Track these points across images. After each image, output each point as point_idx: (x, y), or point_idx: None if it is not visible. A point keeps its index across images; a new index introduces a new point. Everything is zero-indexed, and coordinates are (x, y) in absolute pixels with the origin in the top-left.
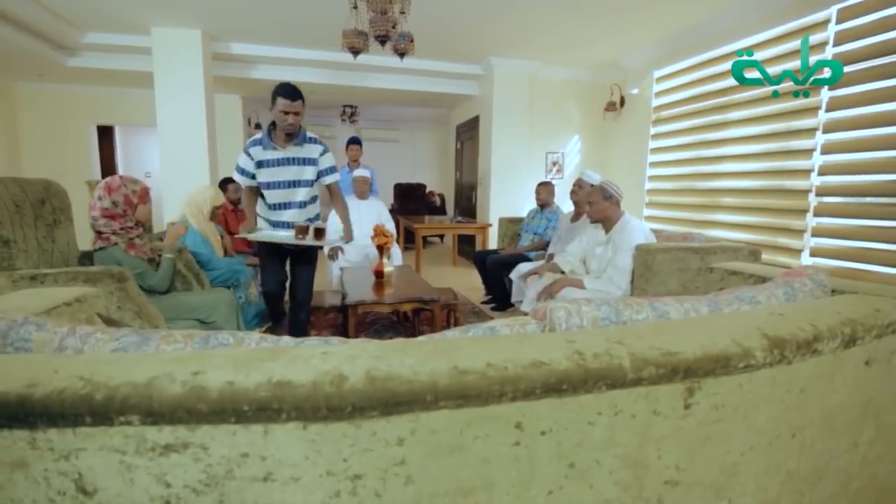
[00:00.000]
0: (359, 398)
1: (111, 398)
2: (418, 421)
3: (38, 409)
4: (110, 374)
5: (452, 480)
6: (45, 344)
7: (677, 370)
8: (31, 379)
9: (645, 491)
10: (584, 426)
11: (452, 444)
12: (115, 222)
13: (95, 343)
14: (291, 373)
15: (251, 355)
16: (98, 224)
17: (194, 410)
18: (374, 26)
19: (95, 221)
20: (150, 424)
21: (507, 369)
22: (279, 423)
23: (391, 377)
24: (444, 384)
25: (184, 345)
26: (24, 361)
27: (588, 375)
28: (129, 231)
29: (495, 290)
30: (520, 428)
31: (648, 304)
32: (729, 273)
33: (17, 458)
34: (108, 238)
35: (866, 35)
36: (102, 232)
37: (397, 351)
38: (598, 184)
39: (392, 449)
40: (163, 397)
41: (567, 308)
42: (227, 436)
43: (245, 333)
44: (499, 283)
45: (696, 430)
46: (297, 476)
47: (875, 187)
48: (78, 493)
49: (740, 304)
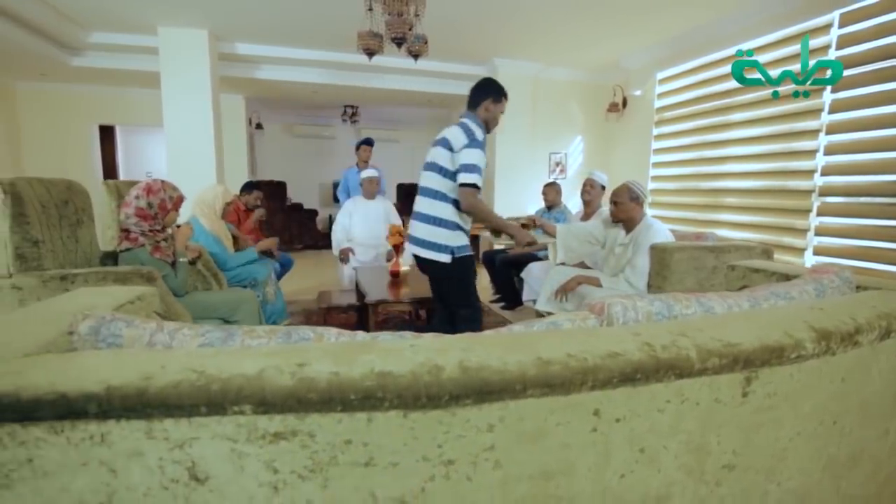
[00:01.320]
0: (455, 387)
1: (226, 389)
2: (507, 409)
3: (156, 400)
4: (220, 367)
5: (536, 465)
6: (136, 339)
7: (738, 360)
8: (145, 372)
9: (706, 475)
10: (655, 413)
11: (537, 430)
12: (145, 223)
13: (183, 339)
14: (390, 364)
15: (345, 349)
16: (129, 222)
17: (304, 400)
18: (390, 28)
19: (127, 219)
20: (261, 413)
21: (587, 360)
22: (382, 412)
23: (483, 367)
24: (531, 374)
25: (267, 340)
26: (131, 356)
27: (659, 365)
28: (156, 234)
29: (504, 290)
30: (597, 415)
31: (696, 300)
32: (751, 271)
33: (134, 448)
34: (135, 239)
35: (869, 39)
36: (131, 231)
37: (481, 343)
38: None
39: (483, 435)
40: (274, 388)
41: (623, 303)
42: (332, 423)
43: (324, 329)
44: (508, 282)
45: (752, 417)
46: (396, 461)
47: (877, 187)
48: (190, 481)
49: (777, 300)
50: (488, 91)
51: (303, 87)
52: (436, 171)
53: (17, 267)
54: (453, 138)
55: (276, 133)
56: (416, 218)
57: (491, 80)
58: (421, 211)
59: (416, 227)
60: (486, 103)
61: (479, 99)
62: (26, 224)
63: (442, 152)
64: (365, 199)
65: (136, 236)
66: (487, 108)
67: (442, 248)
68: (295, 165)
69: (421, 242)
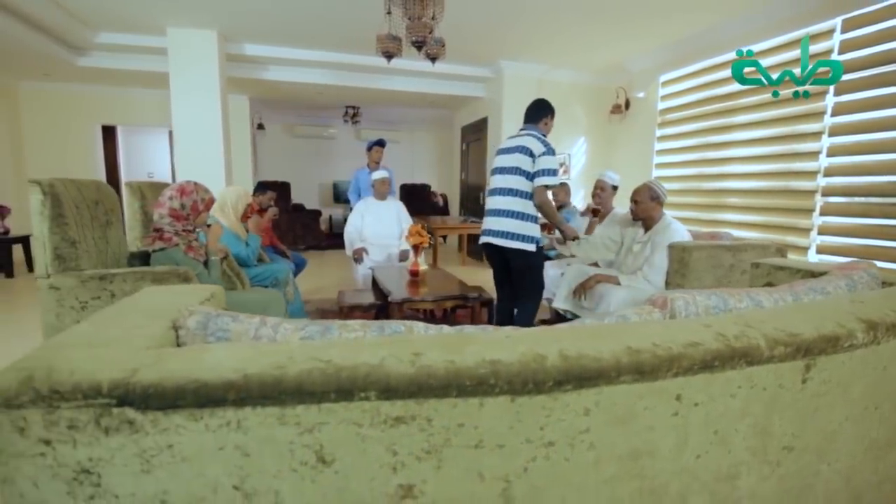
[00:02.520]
0: (558, 374)
1: (354, 376)
2: (602, 394)
3: (291, 387)
4: (344, 357)
5: (625, 446)
6: (242, 334)
7: (800, 349)
8: (277, 362)
9: (768, 455)
10: (728, 398)
11: (627, 414)
12: (178, 223)
13: (285, 332)
14: (497, 353)
15: (451, 340)
16: (163, 222)
17: (425, 386)
18: (410, 32)
19: (161, 219)
20: (384, 399)
21: (671, 349)
22: (492, 397)
23: (582, 356)
24: (624, 361)
25: (363, 333)
26: (257, 348)
27: (734, 353)
28: (189, 234)
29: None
30: (679, 400)
31: (746, 295)
32: (775, 268)
33: (268, 433)
34: (169, 238)
35: (871, 44)
36: (164, 231)
37: (570, 334)
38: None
39: (579, 419)
40: (397, 375)
41: (685, 298)
42: (448, 408)
43: (412, 323)
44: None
45: (809, 402)
46: (503, 443)
47: (879, 188)
48: (318, 463)
49: (815, 295)
50: (548, 110)
51: (308, 88)
52: (519, 174)
53: (56, 267)
54: (533, 147)
55: (276, 133)
56: (499, 214)
57: (546, 101)
58: (505, 208)
59: (500, 221)
60: (545, 119)
61: (540, 115)
62: (65, 225)
63: (524, 158)
64: (376, 200)
65: (169, 236)
66: (546, 123)
67: (528, 239)
68: (295, 166)
69: (508, 235)
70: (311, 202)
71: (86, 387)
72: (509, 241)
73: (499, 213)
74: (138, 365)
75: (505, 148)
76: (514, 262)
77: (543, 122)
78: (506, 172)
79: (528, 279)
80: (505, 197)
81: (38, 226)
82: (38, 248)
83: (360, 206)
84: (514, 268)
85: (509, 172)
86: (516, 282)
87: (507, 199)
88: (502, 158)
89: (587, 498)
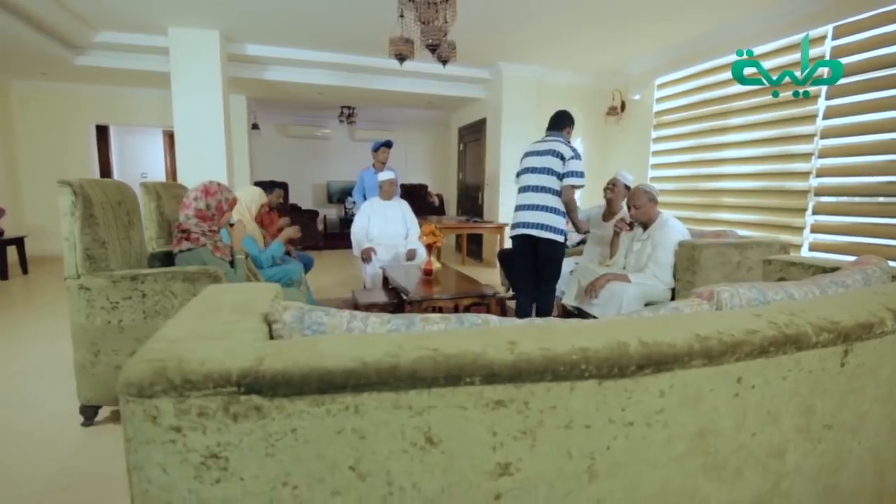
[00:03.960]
0: (640, 359)
1: (461, 363)
2: (675, 377)
3: (405, 374)
4: (448, 345)
5: (693, 425)
6: (335, 327)
7: (840, 335)
8: (389, 351)
9: (811, 433)
10: (779, 381)
11: (695, 395)
12: (204, 224)
13: (373, 325)
14: (584, 341)
15: (537, 329)
16: (189, 223)
17: (523, 371)
18: (425, 35)
19: (187, 220)
20: (486, 384)
21: (734, 335)
22: (582, 381)
23: (659, 342)
24: (696, 347)
25: (444, 325)
26: (363, 339)
27: (786, 339)
28: (214, 235)
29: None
30: (739, 382)
31: (780, 288)
32: (788, 264)
33: (383, 417)
34: (197, 239)
35: (860, 51)
36: (192, 232)
37: (645, 323)
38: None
39: (655, 400)
40: (499, 362)
41: (730, 290)
42: (543, 392)
43: (486, 316)
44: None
45: (846, 384)
46: (589, 424)
47: (869, 188)
48: (426, 444)
49: (837, 288)
50: (570, 120)
51: (309, 88)
52: (551, 174)
53: (87, 268)
54: (563, 151)
55: (270, 133)
56: (534, 209)
57: (569, 112)
58: (539, 203)
59: (536, 215)
60: (568, 128)
61: (564, 124)
62: (95, 225)
63: (555, 160)
64: (382, 201)
65: (196, 237)
66: (568, 132)
67: (558, 231)
68: (289, 166)
69: (543, 227)
70: (306, 202)
71: (216, 376)
72: (544, 232)
73: (534, 208)
74: (263, 355)
75: (535, 151)
76: (544, 251)
77: (566, 131)
78: (538, 172)
79: (552, 268)
80: (538, 193)
81: (69, 226)
82: (68, 249)
83: (365, 207)
84: (543, 257)
85: (541, 172)
86: (542, 270)
87: (540, 195)
88: (533, 160)
89: (660, 473)
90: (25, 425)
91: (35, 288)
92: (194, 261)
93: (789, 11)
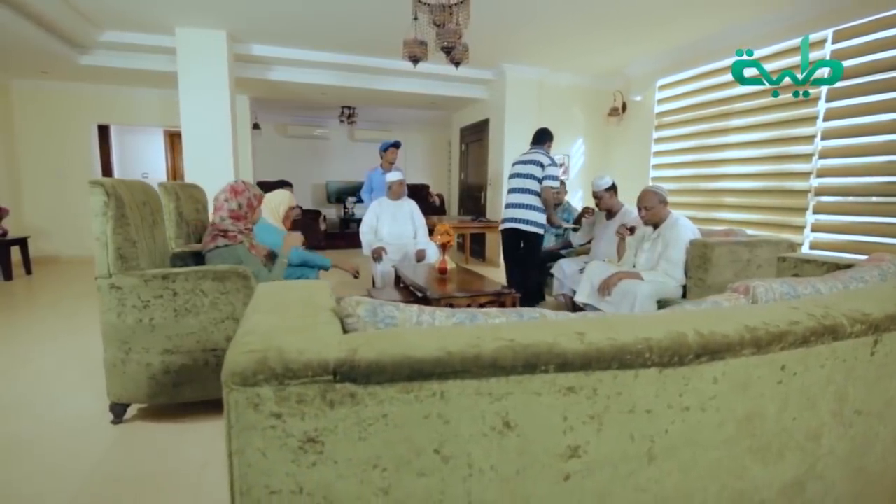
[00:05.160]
0: (698, 348)
1: (538, 352)
2: (728, 365)
3: (488, 362)
4: (522, 336)
5: (741, 410)
6: (406, 320)
7: (871, 326)
8: (469, 342)
9: (844, 418)
10: (818, 369)
11: (744, 382)
12: (239, 223)
13: (440, 318)
14: (647, 331)
15: (600, 321)
16: (226, 223)
17: (593, 360)
18: (440, 38)
19: (223, 221)
20: (559, 372)
21: (779, 326)
22: (645, 369)
23: (714, 333)
24: (747, 338)
25: (504, 318)
26: (441, 331)
27: (825, 330)
28: (249, 233)
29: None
30: (783, 370)
31: (809, 283)
32: (802, 261)
33: (466, 402)
34: (234, 237)
35: (860, 55)
36: (229, 231)
37: (697, 315)
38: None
39: (709, 386)
40: (572, 351)
41: (764, 286)
42: (610, 379)
43: (542, 310)
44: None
45: (875, 371)
46: (650, 409)
47: (868, 188)
48: (504, 428)
49: (857, 283)
50: (550, 136)
51: (312, 89)
52: (532, 178)
53: (118, 267)
54: (542, 160)
55: (270, 133)
56: (520, 207)
57: (548, 129)
58: (523, 202)
59: (519, 211)
60: (548, 143)
61: (544, 140)
62: (127, 225)
63: (536, 168)
64: (390, 200)
65: (234, 234)
66: (548, 145)
67: (539, 225)
68: (289, 166)
69: (525, 221)
70: (305, 202)
71: (315, 365)
72: (528, 226)
73: (519, 206)
74: (356, 345)
75: (521, 160)
76: (528, 241)
77: (546, 145)
78: (523, 177)
79: (535, 255)
80: (522, 194)
81: (100, 226)
82: (99, 249)
83: (374, 207)
84: (527, 246)
85: (525, 177)
86: (526, 257)
87: (524, 195)
88: (519, 167)
89: (711, 454)
90: (54, 425)
91: (41, 288)
92: (230, 257)
93: (790, 15)
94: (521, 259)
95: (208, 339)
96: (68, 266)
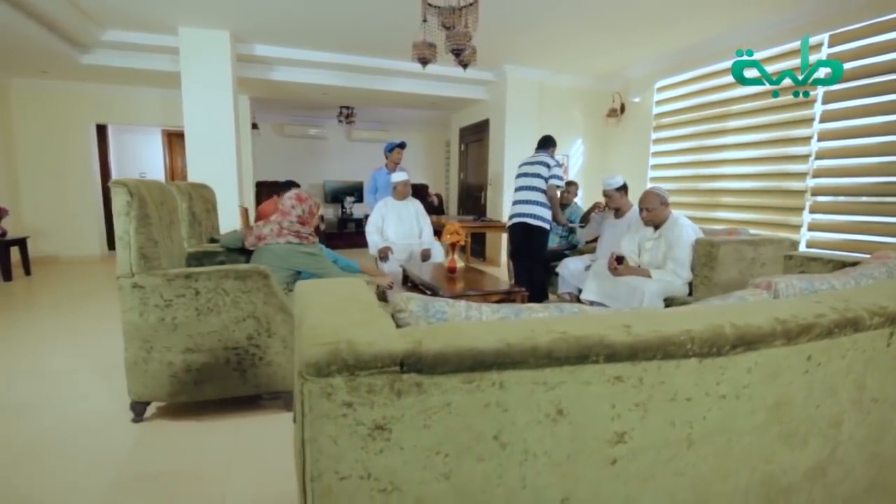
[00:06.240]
0: (735, 339)
1: (589, 344)
2: (760, 355)
3: (543, 353)
4: (574, 329)
5: (771, 398)
6: (456, 315)
7: (888, 318)
8: (524, 335)
9: (863, 405)
10: (840, 359)
11: (775, 371)
12: (306, 228)
13: (487, 313)
14: (686, 324)
15: (641, 315)
16: (295, 227)
17: (639, 351)
18: (450, 40)
19: (292, 225)
20: (608, 362)
21: (807, 319)
22: (686, 359)
23: (749, 325)
24: (778, 329)
25: (546, 314)
26: (493, 325)
27: (847, 322)
28: (314, 236)
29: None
30: (809, 360)
31: (824, 279)
32: (808, 259)
33: (522, 391)
34: (307, 238)
35: (855, 58)
36: (301, 233)
37: (729, 309)
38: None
39: (743, 375)
40: (620, 342)
41: (784, 282)
42: (654, 369)
43: (580, 305)
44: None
45: (891, 361)
46: (689, 397)
47: (864, 188)
48: (556, 415)
49: (867, 279)
50: (553, 142)
51: (313, 89)
52: (539, 177)
53: (141, 266)
54: (548, 161)
55: (268, 133)
56: (528, 204)
57: (552, 136)
58: (530, 199)
59: (527, 207)
60: (552, 148)
61: (548, 145)
62: (149, 225)
63: (542, 168)
64: (395, 201)
65: (305, 236)
66: (552, 150)
67: (544, 220)
68: (287, 166)
69: (532, 216)
70: None
71: (384, 356)
72: (535, 221)
73: (527, 203)
74: (420, 338)
75: (528, 162)
76: (534, 237)
77: (550, 150)
78: (529, 177)
79: (540, 247)
80: (530, 192)
81: (123, 226)
82: (122, 248)
83: (379, 207)
84: (534, 241)
85: (532, 177)
86: (533, 249)
87: (532, 193)
88: (526, 167)
89: (744, 440)
90: (76, 423)
91: (41, 289)
92: (302, 254)
93: (790, 19)
94: (527, 254)
95: (229, 338)
96: (67, 266)
